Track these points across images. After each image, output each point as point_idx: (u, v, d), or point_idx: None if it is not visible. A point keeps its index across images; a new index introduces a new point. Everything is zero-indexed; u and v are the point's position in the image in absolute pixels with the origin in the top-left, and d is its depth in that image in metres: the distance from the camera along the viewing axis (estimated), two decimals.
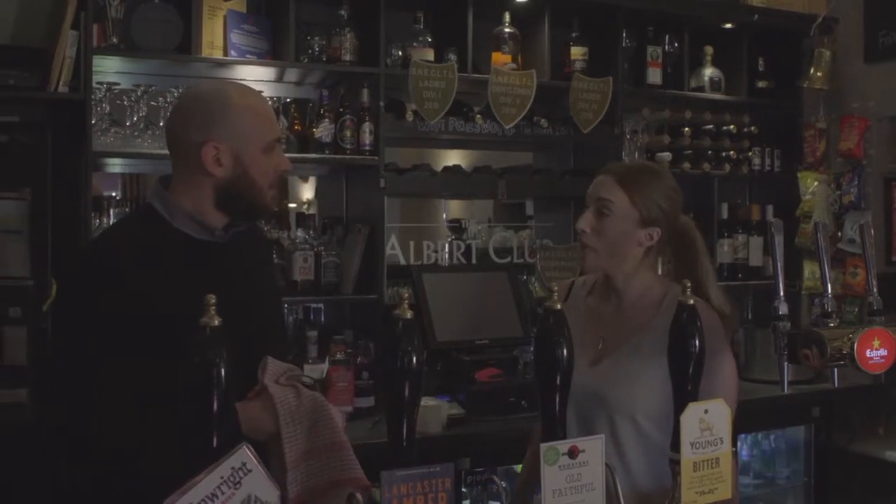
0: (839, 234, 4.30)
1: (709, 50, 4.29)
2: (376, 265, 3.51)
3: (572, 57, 3.96)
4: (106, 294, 1.80)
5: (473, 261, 3.91)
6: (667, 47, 4.19)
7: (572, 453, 1.29)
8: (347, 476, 1.77)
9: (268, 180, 1.95)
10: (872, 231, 2.18)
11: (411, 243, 3.71)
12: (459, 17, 3.72)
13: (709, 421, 1.40)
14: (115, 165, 3.54)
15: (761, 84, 4.43)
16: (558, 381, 1.36)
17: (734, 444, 1.48)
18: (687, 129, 4.17)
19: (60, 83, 3.07)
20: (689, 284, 1.54)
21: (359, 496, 1.28)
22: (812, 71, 4.38)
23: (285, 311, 3.12)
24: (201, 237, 1.94)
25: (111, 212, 3.21)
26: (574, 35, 3.99)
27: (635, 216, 2.02)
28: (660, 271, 2.16)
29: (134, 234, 1.97)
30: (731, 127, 4.29)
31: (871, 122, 4.29)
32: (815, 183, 4.33)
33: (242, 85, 2.06)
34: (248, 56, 3.38)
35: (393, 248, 3.65)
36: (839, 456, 3.99)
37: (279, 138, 2.01)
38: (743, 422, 2.42)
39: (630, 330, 2.05)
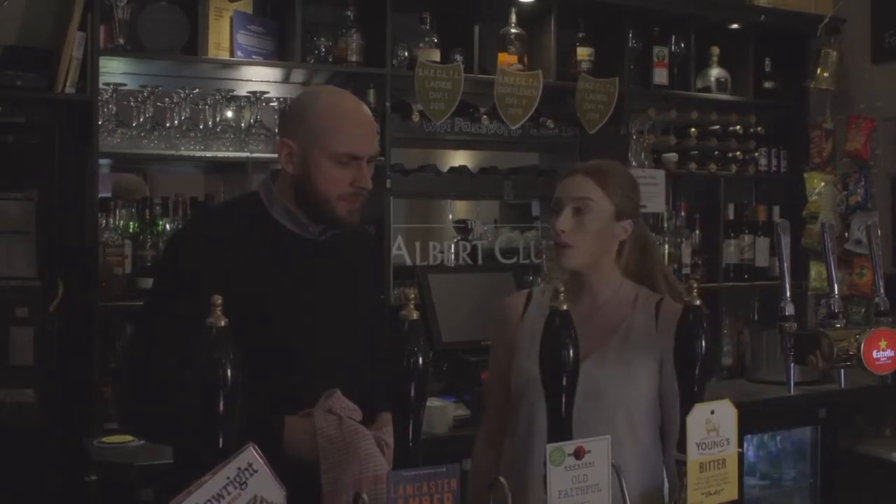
0: (846, 234, 4.29)
1: (715, 50, 4.28)
2: (382, 266, 3.51)
3: (578, 57, 3.95)
4: (198, 269, 1.84)
5: (479, 261, 3.90)
6: (673, 48, 4.19)
7: (578, 454, 1.29)
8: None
9: (336, 191, 1.91)
10: (879, 232, 2.17)
11: (417, 244, 3.71)
12: (465, 18, 3.71)
13: (715, 422, 1.40)
14: (122, 166, 3.54)
15: (768, 84, 4.42)
16: (564, 382, 1.36)
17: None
18: (693, 129, 4.17)
19: (67, 84, 3.08)
20: (695, 285, 1.53)
21: (364, 496, 1.28)
22: (819, 71, 4.37)
23: None
24: (297, 232, 1.97)
25: (117, 212, 3.21)
26: (580, 35, 3.99)
27: (612, 210, 2.04)
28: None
29: (235, 216, 2.02)
30: (738, 127, 4.29)
31: (877, 122, 4.28)
32: (822, 183, 4.32)
33: (346, 95, 2.01)
34: (254, 57, 3.38)
35: (399, 249, 3.64)
36: (845, 457, 3.98)
37: (359, 156, 1.91)
38: (749, 423, 2.41)
39: (607, 329, 2.04)
